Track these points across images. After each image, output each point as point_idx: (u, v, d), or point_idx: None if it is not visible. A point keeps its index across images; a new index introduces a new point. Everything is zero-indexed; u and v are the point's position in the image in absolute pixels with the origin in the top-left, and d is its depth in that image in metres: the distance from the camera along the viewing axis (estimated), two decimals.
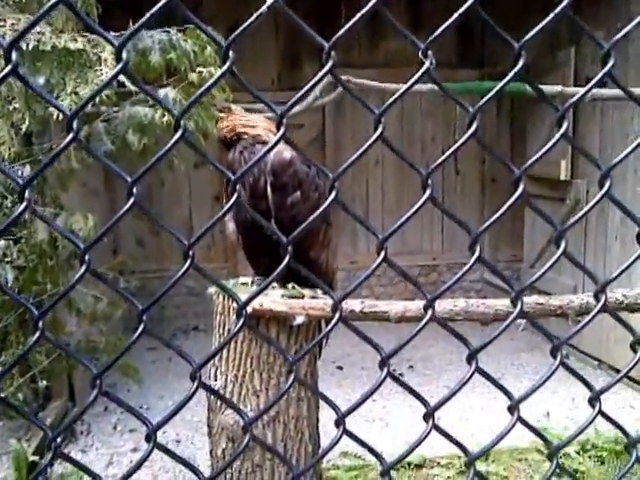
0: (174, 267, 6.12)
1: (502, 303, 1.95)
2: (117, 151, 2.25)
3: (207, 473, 2.70)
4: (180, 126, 0.74)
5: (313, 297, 1.96)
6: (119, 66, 0.72)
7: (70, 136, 0.73)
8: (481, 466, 3.60)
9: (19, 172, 2.79)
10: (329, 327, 0.85)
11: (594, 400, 1.29)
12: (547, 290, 4.71)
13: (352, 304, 1.85)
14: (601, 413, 1.26)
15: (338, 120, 6.65)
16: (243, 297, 1.89)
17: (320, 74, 0.82)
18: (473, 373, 1.06)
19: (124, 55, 0.70)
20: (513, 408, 1.20)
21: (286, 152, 1.94)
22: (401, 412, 4.16)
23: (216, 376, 2.00)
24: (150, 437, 0.83)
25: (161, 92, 2.16)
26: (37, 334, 0.72)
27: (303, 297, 1.95)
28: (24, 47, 1.90)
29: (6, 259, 3.10)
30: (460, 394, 1.28)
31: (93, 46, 2.03)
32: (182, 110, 0.79)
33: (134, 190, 0.74)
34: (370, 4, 0.81)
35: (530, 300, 2.00)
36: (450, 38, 6.39)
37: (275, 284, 1.98)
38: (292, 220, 1.88)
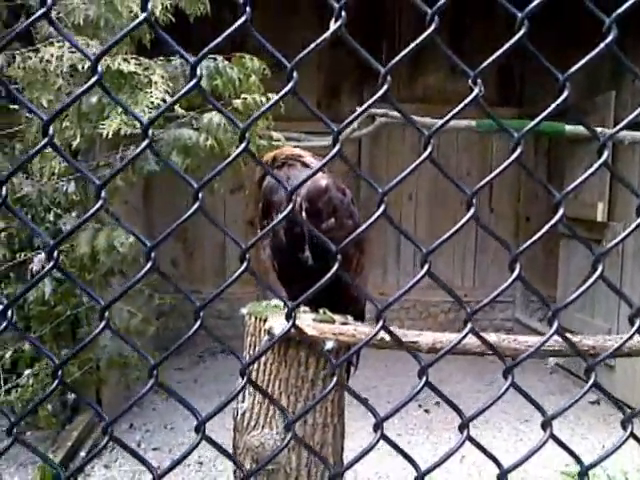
0: (206, 289, 6.19)
1: (533, 340, 1.94)
2: (160, 171, 2.32)
3: None
4: (245, 138, 0.78)
5: (344, 323, 1.97)
6: (194, 81, 0.77)
7: (146, 142, 0.78)
8: None
9: (64, 187, 2.89)
10: (374, 332, 0.87)
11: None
12: (581, 332, 4.63)
13: (383, 333, 1.86)
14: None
15: (374, 152, 6.71)
16: (273, 318, 1.91)
17: (375, 96, 0.86)
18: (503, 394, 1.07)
19: (198, 72, 0.76)
20: (546, 425, 1.20)
21: (322, 180, 1.98)
22: (424, 448, 4.11)
23: (244, 397, 2.01)
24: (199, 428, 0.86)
25: (205, 117, 2.24)
26: (103, 323, 0.77)
27: (334, 322, 1.97)
28: (80, 69, 1.99)
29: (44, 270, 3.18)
30: (487, 434, 1.29)
31: (144, 69, 2.12)
32: (247, 124, 0.83)
33: (200, 195, 0.79)
34: (420, 38, 0.84)
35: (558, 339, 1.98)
36: (490, 76, 6.44)
37: (307, 308, 2.00)
38: (326, 247, 1.91)
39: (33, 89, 2.06)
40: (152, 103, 2.03)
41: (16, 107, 2.55)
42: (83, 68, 2.01)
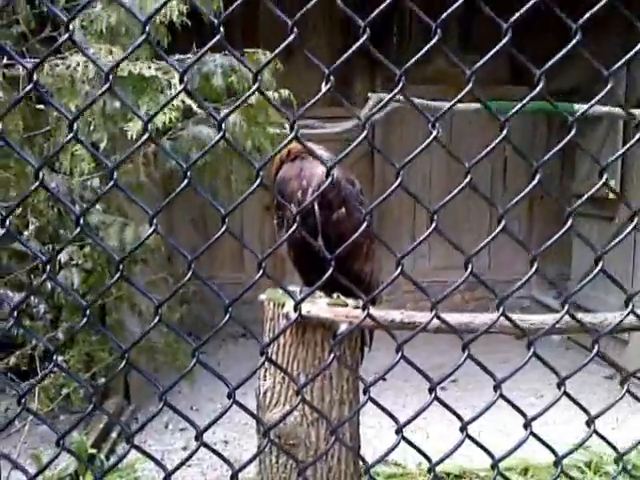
0: (225, 274, 6.34)
1: (536, 318, 2.04)
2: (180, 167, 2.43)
3: (254, 472, 2.86)
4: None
5: (356, 307, 2.10)
6: (181, 87, 0.89)
7: (146, 135, 0.91)
8: (519, 479, 3.66)
9: (89, 183, 3.03)
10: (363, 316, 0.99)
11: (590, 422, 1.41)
12: (594, 309, 4.71)
13: (392, 314, 1.98)
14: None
15: (387, 137, 6.79)
16: (290, 303, 2.05)
17: (393, 92, 0.97)
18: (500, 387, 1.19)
19: (185, 78, 0.88)
20: (526, 425, 1.34)
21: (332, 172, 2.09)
22: (440, 425, 4.24)
23: (265, 377, 2.15)
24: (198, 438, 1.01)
25: (222, 114, 2.34)
26: (156, 319, 0.90)
27: (347, 306, 2.09)
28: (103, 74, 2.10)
29: (72, 262, 3.35)
30: (503, 411, 1.41)
31: (164, 72, 2.24)
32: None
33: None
34: (429, 45, 0.95)
35: (564, 317, 2.08)
36: (503, 56, 6.44)
37: (321, 293, 2.13)
38: (338, 235, 2.03)
39: (61, 95, 2.20)
40: (173, 105, 2.16)
41: (42, 107, 2.68)
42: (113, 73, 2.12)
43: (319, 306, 2.07)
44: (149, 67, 2.20)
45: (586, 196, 1.36)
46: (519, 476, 3.67)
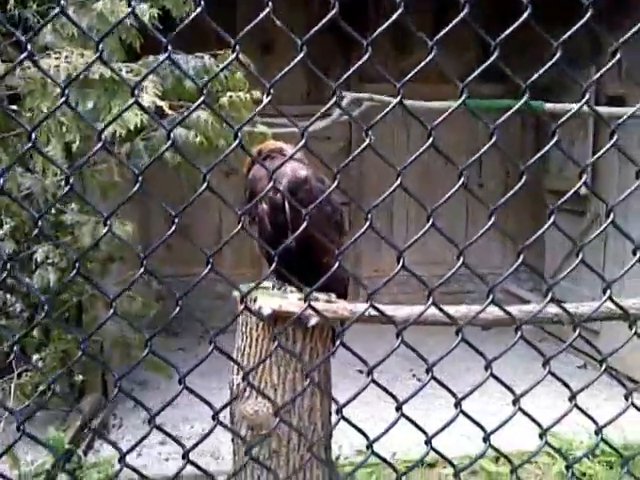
0: (201, 271, 6.34)
1: (514, 309, 2.12)
2: (154, 166, 2.48)
3: (230, 462, 2.92)
4: (237, 136, 0.95)
5: (327, 301, 2.17)
6: (132, 100, 0.95)
7: (99, 144, 0.97)
8: (491, 467, 3.76)
9: (63, 183, 3.06)
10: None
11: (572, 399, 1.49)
12: (565, 299, 4.82)
13: (360, 307, 2.06)
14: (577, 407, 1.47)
15: (363, 133, 6.85)
16: (262, 298, 2.10)
17: (392, 105, 1.03)
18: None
19: (136, 92, 0.93)
20: (515, 402, 1.42)
21: (302, 170, 2.16)
22: (418, 414, 4.32)
23: (238, 370, 2.21)
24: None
25: (194, 114, 2.40)
26: (111, 311, 0.95)
27: (318, 300, 2.16)
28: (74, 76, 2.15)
29: (48, 261, 3.38)
30: (476, 400, 1.48)
31: (135, 75, 2.28)
32: (241, 125, 1.00)
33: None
34: (429, 57, 1.01)
35: (527, 308, 2.17)
36: (474, 53, 6.55)
37: (293, 288, 2.19)
38: (308, 232, 2.10)
39: (33, 97, 2.22)
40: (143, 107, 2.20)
41: (15, 108, 2.71)
42: (78, 77, 2.17)
43: (290, 301, 2.13)
44: (120, 70, 2.24)
45: (569, 194, 1.44)
46: (491, 463, 3.77)
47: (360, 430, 1.24)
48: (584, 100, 1.21)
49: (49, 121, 2.24)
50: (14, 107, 2.54)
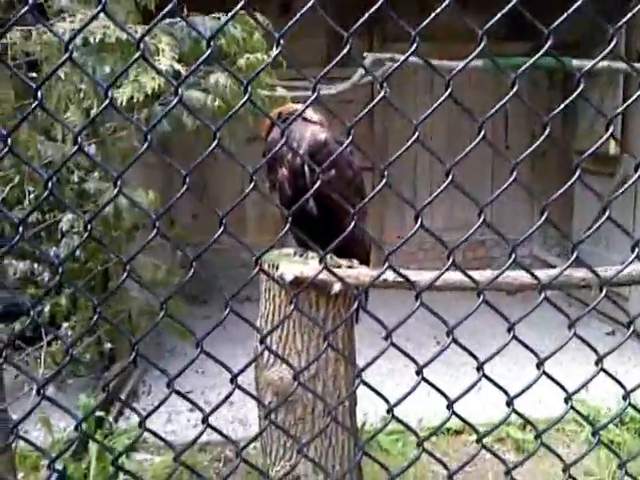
0: (228, 239, 6.35)
1: (527, 275, 2.07)
2: (173, 131, 2.46)
3: (256, 429, 2.94)
4: (247, 90, 0.91)
5: (349, 267, 2.13)
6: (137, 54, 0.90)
7: (107, 101, 0.93)
8: (517, 434, 3.74)
9: (87, 149, 3.05)
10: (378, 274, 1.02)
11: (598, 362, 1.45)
12: (595, 265, 4.72)
13: (385, 273, 2.02)
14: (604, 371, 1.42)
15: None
16: (284, 265, 2.08)
17: (410, 52, 0.99)
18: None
19: (141, 46, 0.89)
20: (539, 365, 1.38)
21: (321, 134, 2.11)
22: (443, 381, 4.31)
23: (267, 335, 2.20)
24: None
25: (212, 77, 2.36)
26: (124, 275, 0.93)
27: (340, 267, 2.13)
28: (91, 40, 2.12)
29: (73, 230, 3.39)
30: (502, 368, 1.45)
31: (152, 37, 2.23)
32: (250, 78, 0.96)
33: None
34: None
35: (553, 272, 2.12)
36: (500, 10, 6.33)
37: (314, 254, 2.16)
38: (328, 196, 2.06)
39: (50, 62, 2.20)
40: (160, 70, 2.14)
41: (34, 75, 2.68)
42: (95, 40, 2.13)
43: (312, 267, 2.10)
44: (136, 32, 2.19)
45: (593, 148, 1.38)
46: (518, 430, 3.75)
47: (380, 394, 1.21)
48: (610, 47, 1.13)
49: (67, 87, 2.22)
50: (33, 74, 2.52)
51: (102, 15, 1.35)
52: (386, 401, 1.22)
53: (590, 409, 3.93)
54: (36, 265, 3.83)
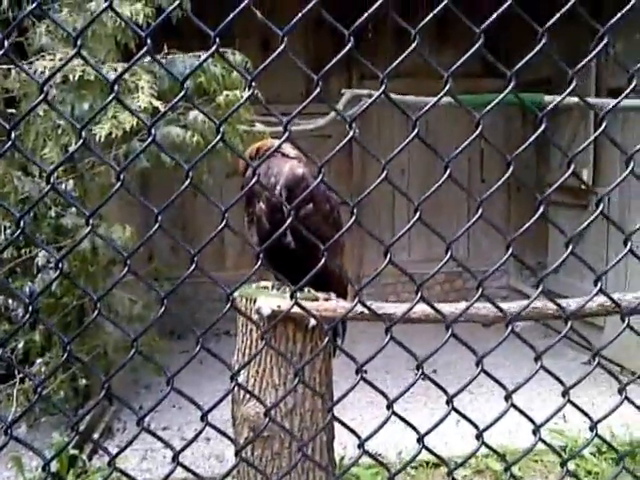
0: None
1: (503, 306, 2.10)
2: (152, 168, 2.48)
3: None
4: (219, 131, 0.93)
5: (326, 299, 2.15)
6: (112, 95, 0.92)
7: (80, 142, 0.94)
8: (496, 466, 3.73)
9: (63, 186, 3.05)
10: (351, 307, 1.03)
11: (565, 394, 1.47)
12: (569, 295, 4.79)
13: (358, 306, 2.03)
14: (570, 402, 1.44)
15: (364, 131, 6.83)
16: (261, 298, 2.08)
17: (377, 93, 1.02)
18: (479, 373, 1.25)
19: (116, 88, 0.91)
20: (507, 397, 1.40)
21: (299, 169, 2.15)
22: (422, 414, 4.30)
23: (239, 371, 2.19)
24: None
25: (191, 114, 2.39)
26: (95, 313, 0.93)
27: (317, 299, 2.14)
28: (70, 78, 2.15)
29: (49, 265, 3.37)
30: (480, 399, 1.46)
31: (131, 75, 2.27)
32: (222, 119, 0.99)
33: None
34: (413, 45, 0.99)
35: (524, 303, 2.15)
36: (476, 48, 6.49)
37: (292, 287, 2.17)
38: (306, 230, 2.08)
39: (29, 100, 2.22)
40: (139, 107, 2.19)
41: (13, 112, 2.70)
42: (74, 78, 2.16)
43: (289, 301, 2.11)
44: (115, 70, 2.22)
45: (557, 184, 1.41)
46: (496, 462, 3.74)
47: (351, 429, 1.22)
48: (570, 88, 1.18)
49: (45, 124, 2.24)
50: (11, 110, 2.53)
51: (82, 53, 1.37)
52: (357, 436, 1.23)
53: (568, 439, 3.95)
54: (10, 301, 3.79)
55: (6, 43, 0.90)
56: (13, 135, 0.91)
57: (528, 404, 1.38)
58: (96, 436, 4.22)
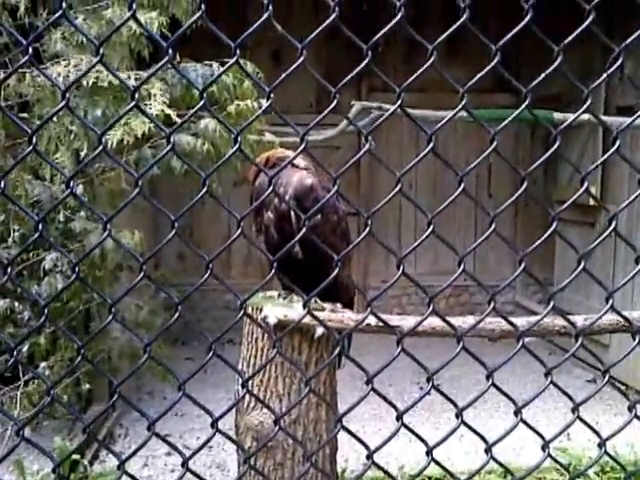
0: (212, 280, 6.34)
1: (520, 320, 2.09)
2: (162, 175, 2.50)
3: (235, 474, 2.90)
4: (237, 141, 0.94)
5: (333, 310, 2.15)
6: (132, 102, 0.93)
7: (100, 147, 0.95)
8: None
9: (74, 189, 3.07)
10: (361, 318, 1.03)
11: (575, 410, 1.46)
12: (575, 312, 4.77)
13: (368, 318, 2.03)
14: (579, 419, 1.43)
15: (374, 142, 6.85)
16: (268, 307, 2.09)
17: (395, 107, 1.02)
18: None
19: (136, 96, 0.91)
20: (517, 412, 1.39)
21: (308, 179, 2.16)
22: (425, 429, 4.27)
23: (249, 379, 2.19)
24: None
25: (202, 122, 2.41)
26: (110, 317, 0.93)
27: (324, 310, 2.14)
28: (84, 84, 2.17)
29: (56, 269, 3.38)
30: (484, 415, 1.45)
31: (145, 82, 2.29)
32: (240, 130, 0.99)
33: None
34: (430, 61, 1.00)
35: (533, 320, 2.14)
36: (487, 63, 6.51)
37: (298, 298, 2.17)
38: (314, 241, 2.09)
39: (42, 105, 2.24)
40: (152, 114, 2.20)
41: (25, 116, 2.72)
42: (87, 84, 2.18)
43: (296, 310, 2.11)
44: (128, 77, 2.25)
45: (570, 201, 1.41)
46: (499, 478, 3.72)
47: (360, 440, 1.22)
48: (585, 106, 1.18)
49: (58, 129, 2.26)
50: (24, 115, 2.55)
51: (95, 60, 1.39)
52: (366, 447, 1.23)
53: (572, 457, 3.92)
54: (16, 303, 3.80)
55: (30, 50, 0.91)
56: (34, 140, 0.92)
57: (533, 421, 1.37)
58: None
